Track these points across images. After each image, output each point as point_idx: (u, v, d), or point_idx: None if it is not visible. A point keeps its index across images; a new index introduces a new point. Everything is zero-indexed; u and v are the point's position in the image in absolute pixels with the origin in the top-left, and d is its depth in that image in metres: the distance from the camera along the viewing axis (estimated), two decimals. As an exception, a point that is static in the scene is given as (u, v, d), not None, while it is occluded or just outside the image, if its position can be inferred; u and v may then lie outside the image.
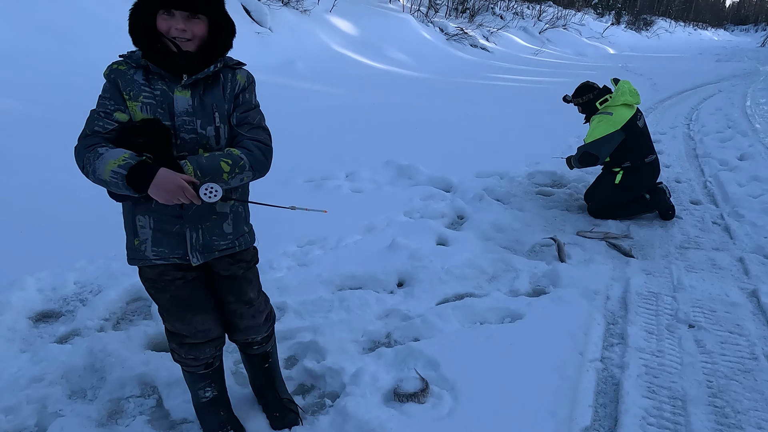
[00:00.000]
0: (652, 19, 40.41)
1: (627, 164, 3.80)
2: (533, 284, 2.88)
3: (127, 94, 1.45)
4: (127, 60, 1.48)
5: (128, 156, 1.37)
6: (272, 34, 9.89)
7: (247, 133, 1.58)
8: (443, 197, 4.18)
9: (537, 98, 9.42)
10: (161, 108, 1.45)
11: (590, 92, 3.92)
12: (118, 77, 1.46)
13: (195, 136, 1.49)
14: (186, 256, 1.57)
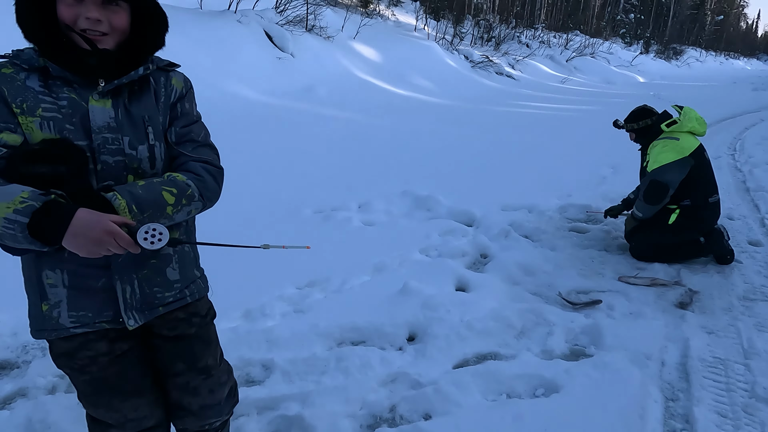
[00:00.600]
0: (681, 48, 39.74)
1: (686, 202, 3.29)
2: (570, 343, 2.41)
3: (17, 107, 1.06)
4: (13, 60, 1.09)
5: (28, 195, 0.97)
6: (293, 59, 9.76)
7: (191, 152, 1.22)
8: (464, 232, 3.76)
9: (566, 126, 8.98)
10: (70, 123, 1.08)
11: (648, 117, 3.43)
12: (2, 84, 1.07)
13: (122, 159, 1.13)
14: (119, 318, 1.18)
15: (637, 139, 3.57)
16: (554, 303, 2.81)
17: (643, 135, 3.49)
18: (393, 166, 5.48)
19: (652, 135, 3.40)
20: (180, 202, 1.14)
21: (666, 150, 3.21)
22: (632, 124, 3.51)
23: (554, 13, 33.84)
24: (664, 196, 3.24)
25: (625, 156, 5.98)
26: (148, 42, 1.15)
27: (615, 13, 41.09)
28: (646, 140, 3.46)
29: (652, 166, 3.25)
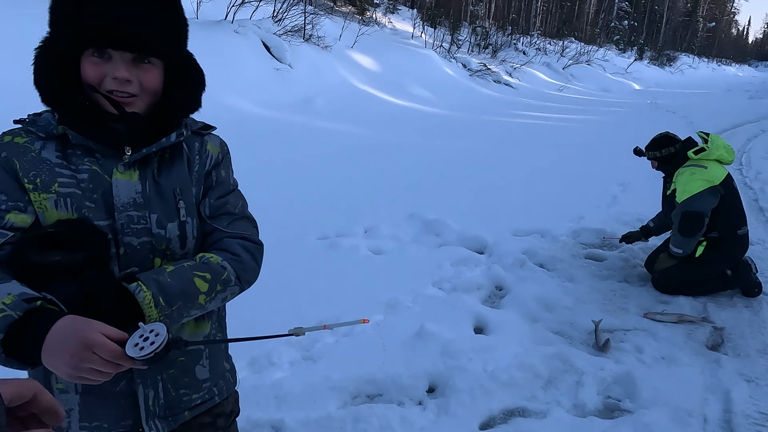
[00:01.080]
0: (674, 54, 39.97)
1: (714, 234, 3.15)
2: (603, 395, 2.24)
3: (30, 182, 0.90)
4: (28, 128, 0.94)
5: (10, 302, 0.77)
6: (292, 70, 9.59)
7: (227, 227, 1.05)
8: (477, 261, 3.59)
9: (569, 138, 8.86)
10: (90, 200, 0.92)
11: (671, 144, 3.28)
12: (14, 156, 0.91)
13: (148, 240, 0.96)
14: (138, 428, 1.00)
15: (660, 167, 3.41)
16: (579, 345, 2.65)
17: (666, 163, 3.34)
18: (396, 184, 5.31)
19: (676, 163, 3.25)
20: (214, 289, 0.97)
21: (695, 178, 3.06)
22: (654, 153, 3.36)
23: (549, 20, 33.96)
24: (701, 226, 3.07)
25: (634, 171, 5.86)
26: (182, 103, 0.99)
27: (608, 19, 41.31)
28: (670, 168, 3.31)
29: (681, 197, 3.08)
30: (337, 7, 17.06)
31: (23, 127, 0.95)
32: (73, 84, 0.92)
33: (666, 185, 3.42)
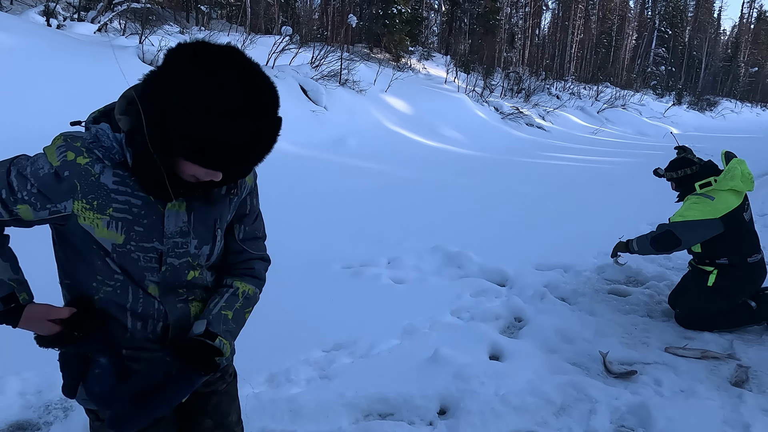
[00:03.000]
0: (715, 99, 39.30)
1: (723, 261, 3.12)
2: (616, 424, 2.22)
3: (87, 203, 1.00)
4: (93, 149, 0.99)
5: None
6: (327, 112, 10.01)
7: (254, 250, 1.27)
8: (497, 293, 3.62)
9: (600, 179, 8.83)
10: (140, 225, 1.04)
11: (689, 166, 3.27)
12: (75, 178, 0.99)
13: (187, 259, 1.13)
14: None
15: (677, 187, 3.41)
16: (596, 376, 2.63)
17: (682, 185, 3.33)
18: (423, 219, 5.42)
19: (690, 187, 3.25)
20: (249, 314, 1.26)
21: (695, 208, 3.09)
22: (671, 173, 3.36)
23: (584, 65, 34.22)
24: (670, 250, 3.21)
25: (663, 211, 5.77)
26: None
27: (645, 65, 41.28)
28: (685, 191, 3.31)
29: (674, 218, 3.15)
30: (374, 54, 17.81)
31: (85, 147, 1.00)
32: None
33: None
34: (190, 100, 0.85)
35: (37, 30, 7.53)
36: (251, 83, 0.88)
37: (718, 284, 3.14)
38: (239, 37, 12.92)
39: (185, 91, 0.85)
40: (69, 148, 1.00)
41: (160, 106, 0.87)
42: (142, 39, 8.63)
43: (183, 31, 13.21)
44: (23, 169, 1.00)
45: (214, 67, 0.86)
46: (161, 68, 0.91)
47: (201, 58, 0.87)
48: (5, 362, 2.41)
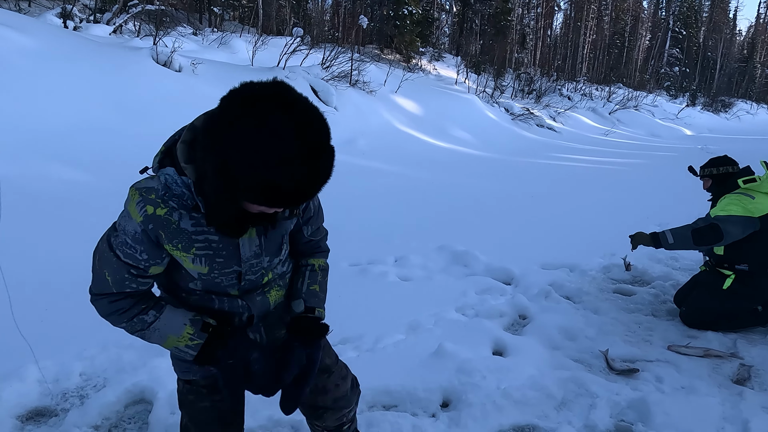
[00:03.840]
0: (730, 101, 38.81)
1: (743, 267, 3.09)
2: (615, 418, 2.26)
3: (174, 247, 1.14)
4: (166, 200, 1.09)
5: (193, 332, 1.20)
6: (337, 112, 10.11)
7: (321, 239, 1.48)
8: (502, 291, 3.66)
9: (609, 180, 8.82)
10: (220, 256, 1.18)
11: (730, 165, 3.25)
12: (159, 229, 1.10)
13: (261, 270, 1.29)
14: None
15: (711, 186, 3.33)
16: (598, 372, 2.67)
17: (720, 183, 3.26)
18: (431, 219, 5.48)
19: (728, 186, 3.20)
20: None
21: (735, 203, 3.02)
22: (711, 169, 3.29)
23: (596, 66, 34.02)
24: (712, 243, 3.02)
25: (673, 213, 5.80)
26: None
27: (659, 66, 40.92)
28: (721, 190, 3.24)
29: (716, 212, 3.04)
30: (384, 55, 17.88)
31: (161, 198, 1.09)
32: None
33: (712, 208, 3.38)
34: (248, 153, 0.88)
35: (54, 32, 7.71)
36: (302, 125, 0.91)
37: (733, 289, 3.11)
38: (251, 38, 13.06)
39: (242, 145, 0.89)
40: (147, 202, 1.09)
41: (221, 158, 0.91)
42: (156, 40, 8.78)
43: (196, 32, 13.39)
44: (123, 244, 1.13)
45: (264, 115, 0.89)
46: (217, 119, 0.93)
47: (250, 105, 0.90)
48: (24, 351, 2.51)
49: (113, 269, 1.14)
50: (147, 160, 3.65)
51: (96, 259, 1.18)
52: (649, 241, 3.24)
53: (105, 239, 1.16)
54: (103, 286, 1.16)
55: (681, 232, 3.10)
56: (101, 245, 1.17)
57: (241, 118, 0.89)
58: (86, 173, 5.27)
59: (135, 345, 2.63)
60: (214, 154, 0.92)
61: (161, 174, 1.08)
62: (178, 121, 5.53)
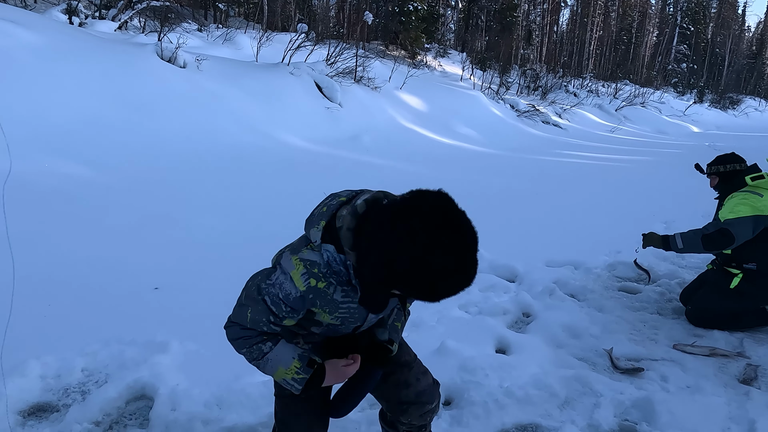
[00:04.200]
0: (738, 97, 38.46)
1: (751, 266, 3.05)
2: (620, 417, 2.24)
3: (320, 309, 1.29)
4: (327, 276, 1.23)
5: (299, 366, 1.33)
6: (341, 109, 10.08)
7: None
8: (506, 288, 3.64)
9: (616, 177, 8.76)
10: (353, 318, 1.35)
11: (737, 162, 3.20)
12: (317, 298, 1.25)
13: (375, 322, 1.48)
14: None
15: (718, 184, 3.29)
16: (602, 371, 2.65)
17: (727, 181, 3.22)
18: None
19: (735, 184, 3.15)
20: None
21: (745, 203, 2.98)
22: (718, 167, 3.25)
23: (602, 62, 33.79)
24: (723, 248, 3.01)
25: (680, 211, 5.76)
26: None
27: (666, 62, 40.60)
28: (728, 188, 3.19)
29: (725, 215, 3.00)
30: (389, 51, 17.83)
31: (328, 277, 1.23)
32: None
33: (719, 207, 3.32)
34: (417, 261, 1.02)
35: (60, 28, 7.72)
36: (465, 243, 1.05)
37: (740, 288, 3.07)
38: (256, 34, 13.05)
39: (412, 253, 1.02)
40: (311, 275, 1.22)
41: (390, 257, 1.04)
42: (160, 37, 8.78)
43: (201, 28, 13.39)
44: (275, 297, 1.25)
45: (437, 232, 1.02)
46: (389, 222, 1.06)
47: (424, 218, 1.03)
48: (26, 346, 2.51)
49: (256, 310, 1.27)
50: (151, 155, 3.64)
51: (244, 295, 1.32)
52: (659, 243, 3.24)
53: (257, 284, 1.28)
54: (241, 318, 1.31)
55: (691, 237, 3.10)
56: (252, 287, 1.29)
57: (418, 232, 1.02)
58: (91, 169, 5.28)
59: (137, 341, 2.63)
60: (383, 252, 1.06)
61: (324, 251, 1.21)
62: (182, 117, 5.55)
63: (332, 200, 1.25)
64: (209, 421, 2.08)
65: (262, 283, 1.27)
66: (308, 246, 1.23)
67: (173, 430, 2.03)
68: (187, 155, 6.35)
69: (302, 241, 1.27)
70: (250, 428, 2.08)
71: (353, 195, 1.24)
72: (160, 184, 5.37)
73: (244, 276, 1.43)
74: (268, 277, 1.26)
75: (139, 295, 3.16)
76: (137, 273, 3.43)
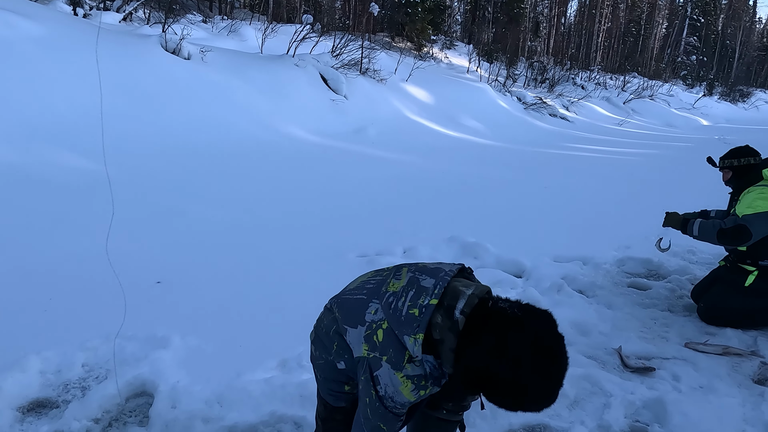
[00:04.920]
0: (749, 90, 37.93)
1: (766, 263, 2.98)
2: (631, 419, 2.18)
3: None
4: (428, 384, 1.30)
5: None
6: (347, 101, 10.00)
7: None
8: (513, 284, 3.58)
9: (624, 171, 8.64)
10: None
11: (752, 156, 3.11)
12: (423, 395, 1.33)
13: None
14: None
15: (732, 179, 3.19)
16: (612, 369, 2.58)
17: (741, 175, 3.12)
18: (440, 210, 5.39)
19: (750, 178, 3.05)
20: None
21: (762, 198, 2.88)
22: (732, 161, 3.15)
23: (610, 55, 33.42)
24: (741, 243, 2.93)
25: (691, 205, 5.63)
26: None
27: (675, 55, 40.11)
28: (743, 182, 3.09)
29: (743, 211, 2.91)
30: (395, 43, 17.69)
31: (426, 380, 1.28)
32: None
33: (732, 203, 3.23)
34: (511, 387, 1.14)
35: (64, 19, 7.67)
36: (562, 373, 1.16)
37: (755, 286, 3.00)
38: (261, 25, 12.96)
39: (510, 382, 1.13)
40: (420, 388, 1.29)
41: (486, 376, 1.16)
42: (165, 28, 8.72)
43: (206, 20, 13.31)
44: (395, 408, 1.32)
45: (537, 367, 1.12)
46: (494, 353, 1.14)
47: (525, 347, 1.12)
48: (26, 342, 2.48)
49: (389, 422, 1.34)
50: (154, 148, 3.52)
51: (369, 413, 1.34)
52: (678, 225, 3.22)
53: (376, 407, 1.32)
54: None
55: (708, 228, 3.04)
56: (376, 406, 1.32)
57: (523, 361, 1.11)
58: (94, 161, 5.24)
59: (137, 336, 2.60)
60: (487, 373, 1.15)
61: (426, 363, 1.27)
62: (187, 109, 5.48)
63: (422, 298, 1.26)
64: (210, 419, 2.04)
65: (383, 401, 1.31)
66: (409, 361, 1.26)
67: (173, 428, 1.99)
68: (191, 147, 6.31)
69: (398, 350, 1.27)
70: (251, 427, 2.04)
71: (442, 290, 1.26)
72: (163, 177, 5.33)
73: (247, 270, 1.37)
74: (378, 394, 1.30)
75: (140, 289, 3.12)
76: (139, 267, 3.39)
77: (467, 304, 1.23)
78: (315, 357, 1.59)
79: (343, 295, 1.53)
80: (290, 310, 2.97)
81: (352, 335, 1.37)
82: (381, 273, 1.51)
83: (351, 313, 1.41)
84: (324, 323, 1.54)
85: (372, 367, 1.29)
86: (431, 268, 1.36)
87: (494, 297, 1.29)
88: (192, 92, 7.35)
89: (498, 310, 1.19)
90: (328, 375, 1.53)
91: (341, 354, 1.45)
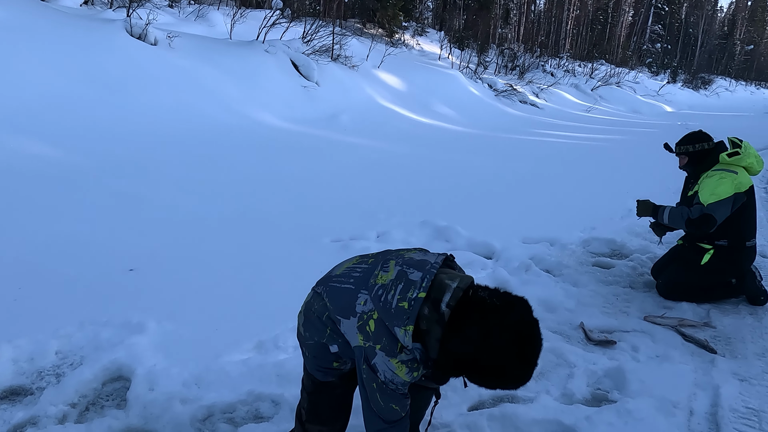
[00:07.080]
0: (710, 78, 39.14)
1: (722, 243, 3.11)
2: (592, 387, 2.31)
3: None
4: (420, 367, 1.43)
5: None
6: (318, 88, 9.94)
7: None
8: (483, 265, 3.69)
9: (590, 156, 8.88)
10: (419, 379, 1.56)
11: (706, 141, 3.19)
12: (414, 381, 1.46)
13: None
14: None
15: (688, 164, 3.29)
16: (576, 343, 2.72)
17: (696, 161, 3.21)
18: (413, 195, 5.46)
19: (707, 163, 3.16)
20: None
21: (724, 183, 2.99)
22: (687, 147, 3.23)
23: (579, 42, 33.93)
24: (707, 231, 3.05)
25: (653, 187, 5.87)
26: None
27: (641, 42, 41.00)
28: (698, 168, 3.20)
29: (707, 199, 3.00)
30: (366, 29, 17.57)
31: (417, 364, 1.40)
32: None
33: (688, 186, 3.35)
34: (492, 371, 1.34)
35: (22, 2, 7.37)
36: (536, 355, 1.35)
37: (711, 264, 3.14)
38: (230, 11, 12.70)
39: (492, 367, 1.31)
40: (413, 370, 1.41)
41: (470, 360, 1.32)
42: (129, 12, 8.48)
43: (172, 4, 12.95)
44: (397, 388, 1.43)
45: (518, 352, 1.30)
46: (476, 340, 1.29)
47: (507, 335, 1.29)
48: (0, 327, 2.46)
49: (399, 401, 1.46)
50: (121, 135, 3.49)
51: (380, 398, 1.44)
52: (649, 212, 3.31)
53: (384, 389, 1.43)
54: (393, 414, 1.47)
55: (677, 217, 3.14)
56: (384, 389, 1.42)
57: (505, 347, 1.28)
58: (59, 149, 5.12)
59: (112, 322, 2.60)
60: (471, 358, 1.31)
61: (415, 350, 1.38)
62: (154, 96, 5.37)
63: (411, 291, 1.34)
64: (188, 399, 2.08)
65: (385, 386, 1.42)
66: (401, 350, 1.37)
67: (151, 409, 2.02)
68: (160, 135, 6.20)
69: (390, 340, 1.37)
70: (229, 406, 2.08)
71: (429, 283, 1.35)
72: (131, 165, 5.24)
73: (221, 256, 1.41)
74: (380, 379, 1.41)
75: (113, 276, 3.10)
76: (111, 254, 3.36)
77: (452, 297, 1.33)
78: (304, 337, 1.63)
79: (330, 282, 1.57)
80: (266, 294, 3.01)
81: (346, 326, 1.45)
82: (366, 260, 1.57)
83: (341, 303, 1.47)
84: (315, 307, 1.57)
85: (368, 356, 1.40)
86: (418, 260, 1.44)
87: (474, 286, 1.40)
88: (159, 79, 7.20)
89: (478, 300, 1.32)
90: (318, 354, 1.59)
91: (335, 338, 1.51)
